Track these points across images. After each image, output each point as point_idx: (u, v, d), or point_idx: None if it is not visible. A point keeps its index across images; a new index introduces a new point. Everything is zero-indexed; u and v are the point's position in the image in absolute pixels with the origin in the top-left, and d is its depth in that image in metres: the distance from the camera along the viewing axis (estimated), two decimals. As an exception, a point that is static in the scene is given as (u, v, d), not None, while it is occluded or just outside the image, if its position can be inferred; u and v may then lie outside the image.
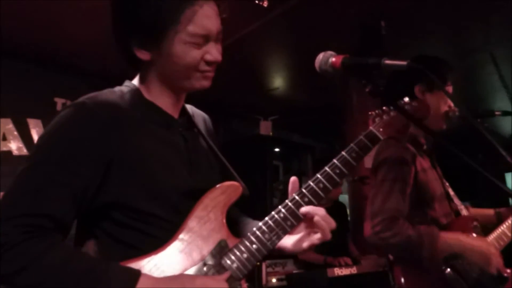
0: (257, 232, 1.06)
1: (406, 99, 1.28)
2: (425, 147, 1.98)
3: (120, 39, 1.13)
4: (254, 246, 1.05)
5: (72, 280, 0.91)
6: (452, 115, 1.95)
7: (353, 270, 3.08)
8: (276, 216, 1.08)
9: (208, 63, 1.13)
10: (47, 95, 4.56)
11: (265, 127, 5.88)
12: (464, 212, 1.99)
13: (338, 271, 3.01)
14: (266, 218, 1.09)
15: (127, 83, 1.20)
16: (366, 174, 3.83)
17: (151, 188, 1.05)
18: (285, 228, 1.08)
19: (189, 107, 1.31)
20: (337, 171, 1.16)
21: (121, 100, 1.11)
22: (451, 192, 2.01)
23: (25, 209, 0.93)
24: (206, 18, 1.09)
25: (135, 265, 0.98)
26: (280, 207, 1.10)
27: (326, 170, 1.15)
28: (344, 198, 5.25)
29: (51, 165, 0.98)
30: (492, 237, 1.90)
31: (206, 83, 1.17)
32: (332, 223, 1.11)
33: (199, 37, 1.09)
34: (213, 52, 1.12)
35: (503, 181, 7.92)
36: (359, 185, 4.14)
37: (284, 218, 1.08)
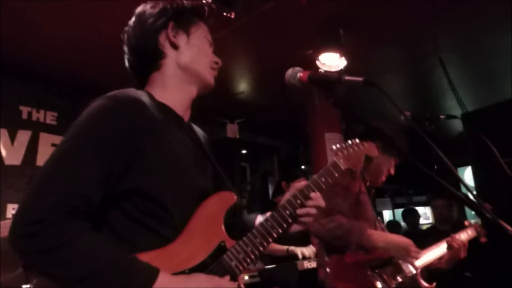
0: (250, 236, 1.20)
1: (357, 140, 1.53)
2: (368, 184, 2.30)
3: (157, 29, 1.30)
4: (248, 248, 1.18)
5: (100, 266, 0.96)
6: (403, 118, 2.22)
7: (320, 263, 3.30)
8: (265, 224, 1.23)
9: (215, 62, 1.39)
10: (12, 103, 4.48)
11: (232, 130, 6.00)
12: None
13: (307, 264, 3.20)
14: (257, 225, 1.23)
15: (136, 90, 1.28)
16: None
17: (168, 179, 1.13)
18: (272, 234, 1.22)
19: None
20: (310, 191, 1.32)
21: (143, 99, 1.19)
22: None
23: (65, 188, 0.98)
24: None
25: (143, 258, 1.03)
26: (268, 217, 1.25)
27: (302, 190, 1.32)
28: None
29: (86, 150, 1.04)
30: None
31: (212, 81, 1.38)
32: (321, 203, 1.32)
33: (210, 39, 1.39)
34: (215, 56, 1.40)
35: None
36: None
37: (272, 226, 1.23)
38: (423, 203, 10.05)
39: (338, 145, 1.49)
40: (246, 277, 3.68)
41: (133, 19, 1.35)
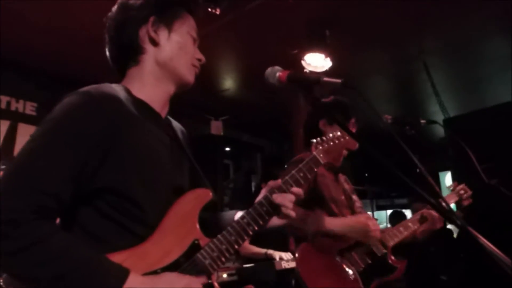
0: (225, 234, 1.18)
1: (338, 133, 1.50)
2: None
3: (137, 22, 1.25)
4: (223, 246, 1.16)
5: (70, 267, 0.94)
6: (384, 121, 2.23)
7: (298, 263, 3.29)
8: (240, 221, 1.21)
9: (198, 59, 1.34)
10: (-10, 92, 4.37)
11: (216, 127, 5.97)
12: None
13: (285, 264, 3.19)
14: (233, 223, 1.21)
15: (113, 85, 1.24)
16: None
17: (143, 177, 1.11)
18: (247, 232, 1.21)
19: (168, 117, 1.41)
20: (288, 186, 1.30)
21: (119, 95, 1.16)
22: (358, 210, 2.32)
23: (35, 187, 0.95)
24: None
25: (115, 258, 1.01)
26: (244, 213, 1.23)
27: (280, 186, 1.30)
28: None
29: (58, 147, 1.01)
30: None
31: (192, 79, 1.33)
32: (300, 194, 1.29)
33: (194, 34, 1.32)
34: (199, 52, 1.35)
35: (437, 179, 8.51)
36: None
37: (247, 224, 1.21)
38: (405, 205, 10.14)
39: (318, 139, 1.47)
40: (225, 275, 3.68)
41: (115, 7, 1.29)
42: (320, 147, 1.44)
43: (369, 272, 2.00)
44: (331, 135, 1.49)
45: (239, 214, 1.33)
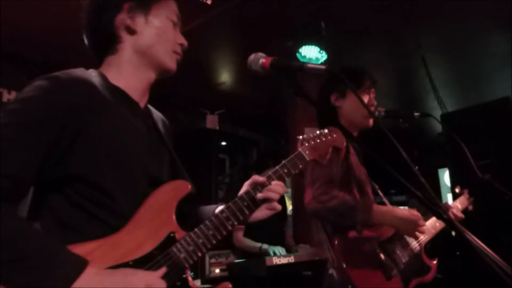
0: (203, 228, 1.15)
1: (326, 130, 1.46)
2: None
3: (112, 10, 1.21)
4: (200, 240, 1.13)
5: (23, 252, 0.90)
6: (378, 115, 2.16)
7: (290, 259, 3.22)
8: (219, 215, 1.18)
9: (180, 44, 1.30)
10: (-18, 83, 4.31)
11: (212, 121, 5.92)
12: None
13: (276, 260, 3.13)
14: (212, 217, 1.18)
15: (89, 71, 1.22)
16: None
17: (114, 166, 1.08)
18: (226, 227, 1.17)
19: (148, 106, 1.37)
20: (271, 182, 1.27)
21: (92, 79, 1.14)
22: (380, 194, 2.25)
23: None
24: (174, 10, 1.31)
25: (83, 248, 0.99)
26: (224, 208, 1.20)
27: (263, 181, 1.26)
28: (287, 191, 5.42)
29: (19, 128, 0.99)
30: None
31: (174, 66, 1.30)
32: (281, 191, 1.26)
33: (174, 18, 1.28)
34: (181, 36, 1.31)
35: (436, 176, 8.46)
36: (300, 178, 4.30)
37: (227, 218, 1.18)
38: (403, 203, 10.10)
39: (305, 135, 1.43)
40: (217, 270, 3.65)
41: None
42: (306, 144, 1.41)
43: (407, 271, 1.86)
44: (318, 132, 1.46)
45: (220, 208, 1.30)
